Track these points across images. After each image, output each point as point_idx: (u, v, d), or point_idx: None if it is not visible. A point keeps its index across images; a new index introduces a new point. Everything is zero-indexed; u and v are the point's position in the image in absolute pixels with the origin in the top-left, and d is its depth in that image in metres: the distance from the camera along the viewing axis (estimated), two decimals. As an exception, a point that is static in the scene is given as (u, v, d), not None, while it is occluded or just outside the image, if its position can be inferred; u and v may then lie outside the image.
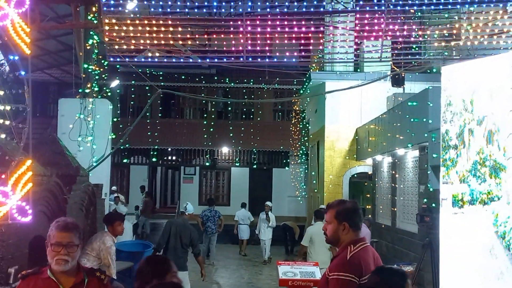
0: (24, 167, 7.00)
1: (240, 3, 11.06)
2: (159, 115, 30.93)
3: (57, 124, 14.69)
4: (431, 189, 11.85)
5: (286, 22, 11.19)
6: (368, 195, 19.05)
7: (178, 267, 10.64)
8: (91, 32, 13.61)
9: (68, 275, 4.05)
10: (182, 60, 11.44)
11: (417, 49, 13.86)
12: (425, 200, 12.10)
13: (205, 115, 32.31)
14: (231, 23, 11.37)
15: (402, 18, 12.87)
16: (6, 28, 7.33)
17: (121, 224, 9.15)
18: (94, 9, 12.21)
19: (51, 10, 18.78)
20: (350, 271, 4.29)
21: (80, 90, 14.03)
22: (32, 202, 7.13)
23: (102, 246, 8.57)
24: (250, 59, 11.31)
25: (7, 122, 7.40)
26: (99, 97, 14.62)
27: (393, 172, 15.35)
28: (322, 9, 12.11)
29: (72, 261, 4.04)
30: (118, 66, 21.74)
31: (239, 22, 11.02)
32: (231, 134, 30.06)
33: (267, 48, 11.54)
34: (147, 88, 24.09)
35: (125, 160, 30.97)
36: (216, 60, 11.88)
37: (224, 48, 11.57)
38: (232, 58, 11.32)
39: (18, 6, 7.36)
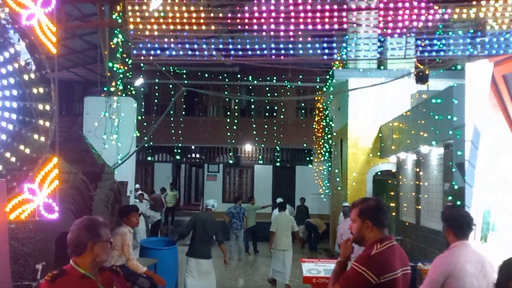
0: (51, 165, 7.11)
1: (263, 0, 11.06)
2: (183, 113, 31.07)
3: (82, 122, 14.82)
4: (455, 187, 11.75)
5: (309, 20, 11.20)
6: (392, 193, 18.91)
7: (204, 255, 11.21)
8: (115, 31, 13.73)
9: (98, 272, 4.09)
10: (206, 58, 11.51)
11: (441, 46, 13.75)
12: (450, 198, 12.00)
13: (228, 113, 32.36)
14: (255, 21, 11.41)
15: (426, 14, 12.78)
16: (32, 28, 7.45)
17: (136, 215, 9.32)
18: (118, 8, 12.32)
19: (76, 9, 18.97)
20: (369, 267, 4.30)
21: (105, 89, 14.15)
22: (59, 199, 7.23)
23: (118, 238, 8.73)
24: (274, 57, 11.33)
25: (34, 120, 7.51)
26: (124, 95, 14.72)
27: (417, 169, 15.25)
28: (345, 6, 12.06)
29: None
30: (142, 64, 21.86)
31: (263, 20, 11.06)
32: (254, 132, 30.10)
33: (290, 45, 11.56)
34: (170, 86, 24.25)
35: (149, 158, 31.20)
36: (239, 58, 11.89)
37: (248, 46, 11.61)
38: (256, 56, 11.35)
39: (44, 5, 7.48)
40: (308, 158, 30.53)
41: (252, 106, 32.31)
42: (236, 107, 32.66)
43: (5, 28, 7.55)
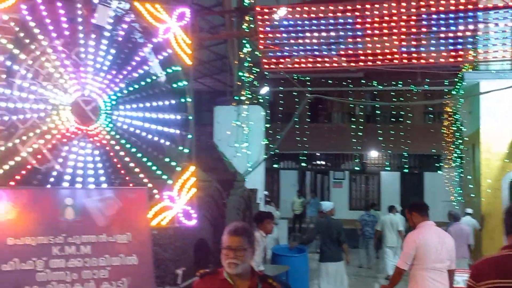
0: (188, 173, 7.35)
1: (394, 4, 10.87)
2: (307, 120, 31.08)
3: (211, 131, 15.18)
4: None
5: (441, 22, 10.87)
6: (531, 200, 17.95)
7: (333, 259, 11.37)
8: (243, 41, 14.01)
9: (242, 278, 4.17)
10: (335, 64, 11.48)
11: None
12: None
13: (353, 119, 32.05)
14: (384, 25, 11.23)
15: None
16: (169, 41, 7.78)
17: (270, 222, 9.36)
18: (247, 18, 12.57)
19: (204, 21, 19.54)
20: (471, 274, 4.12)
21: (236, 98, 14.46)
22: (196, 207, 7.45)
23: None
24: (405, 61, 11.10)
25: (172, 131, 7.79)
26: (252, 104, 14.96)
27: (559, 175, 14.41)
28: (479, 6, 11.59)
29: (242, 264, 4.13)
30: (266, 73, 22.17)
31: (393, 24, 10.87)
32: (380, 138, 29.59)
33: (421, 49, 11.27)
34: (294, 93, 24.36)
35: (275, 165, 31.46)
36: (367, 64, 11.74)
37: (377, 51, 11.45)
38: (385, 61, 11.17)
39: (179, 19, 7.82)
40: (437, 164, 29.62)
41: (377, 112, 31.80)
42: (361, 113, 32.28)
43: (142, 45, 7.88)
